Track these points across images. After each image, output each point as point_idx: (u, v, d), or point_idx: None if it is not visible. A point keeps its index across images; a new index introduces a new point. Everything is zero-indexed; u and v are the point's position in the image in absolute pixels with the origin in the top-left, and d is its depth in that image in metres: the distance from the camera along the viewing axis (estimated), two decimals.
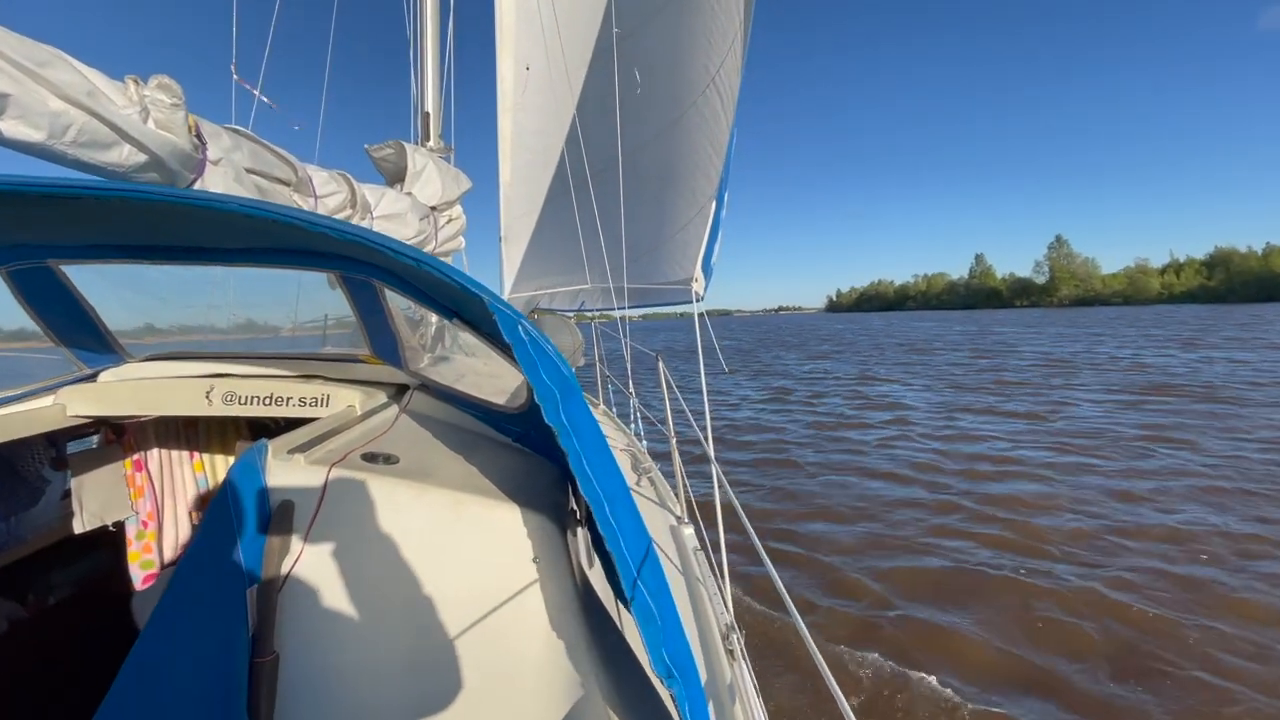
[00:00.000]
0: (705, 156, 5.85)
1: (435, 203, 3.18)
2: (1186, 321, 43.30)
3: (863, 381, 18.30)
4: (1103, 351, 23.39)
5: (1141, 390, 13.94)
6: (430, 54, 3.71)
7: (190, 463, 2.28)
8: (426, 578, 1.10)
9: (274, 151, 2.06)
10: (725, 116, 5.46)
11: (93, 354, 1.92)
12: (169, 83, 1.51)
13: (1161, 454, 8.46)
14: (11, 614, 1.86)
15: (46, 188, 0.89)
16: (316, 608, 1.08)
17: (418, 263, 0.96)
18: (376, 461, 1.22)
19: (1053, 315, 74.80)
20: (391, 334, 1.76)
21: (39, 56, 1.23)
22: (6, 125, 1.18)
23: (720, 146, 5.62)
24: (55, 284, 1.65)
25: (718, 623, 1.79)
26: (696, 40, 5.33)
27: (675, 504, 2.76)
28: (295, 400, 1.72)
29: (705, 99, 5.56)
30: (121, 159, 1.38)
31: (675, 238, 6.28)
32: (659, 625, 0.86)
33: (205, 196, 0.98)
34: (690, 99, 5.66)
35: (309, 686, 1.04)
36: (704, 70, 5.43)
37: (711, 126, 5.65)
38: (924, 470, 8.17)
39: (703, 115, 5.67)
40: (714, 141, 5.69)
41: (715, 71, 5.34)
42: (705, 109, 5.59)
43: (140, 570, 2.12)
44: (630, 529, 0.90)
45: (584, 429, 0.94)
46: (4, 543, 1.79)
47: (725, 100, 5.38)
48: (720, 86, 5.37)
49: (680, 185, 6.13)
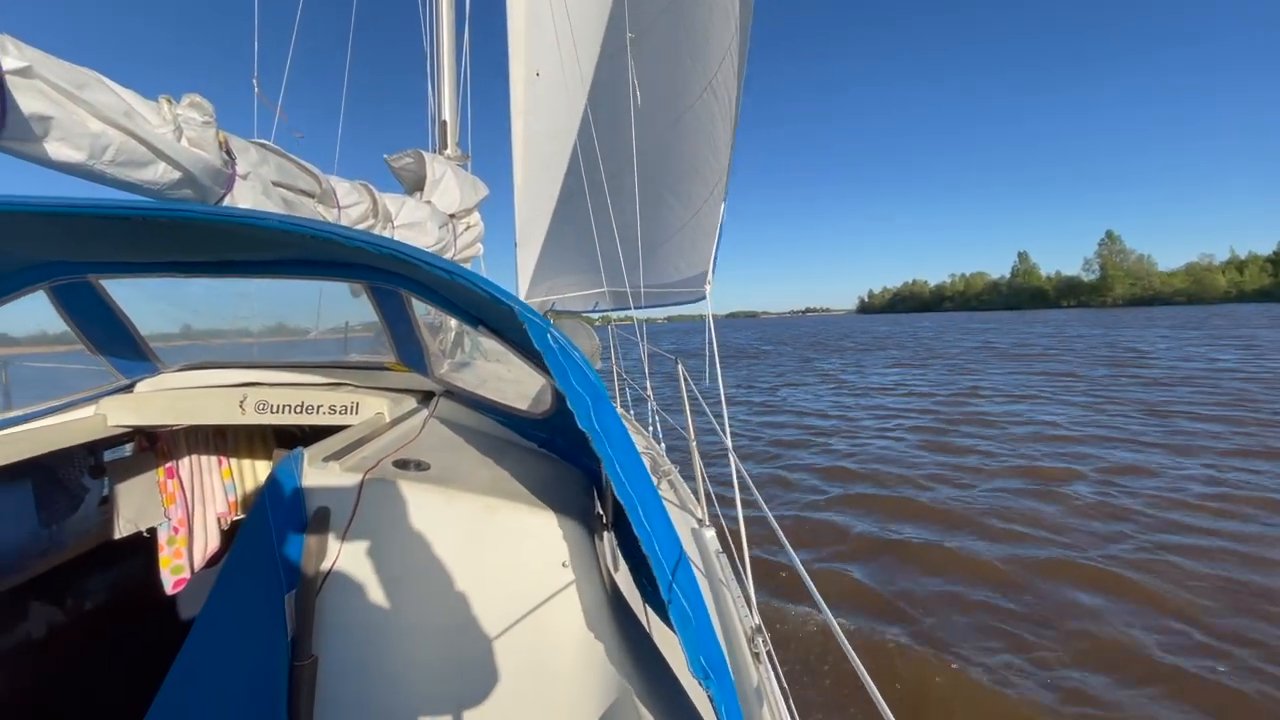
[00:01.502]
0: (705, 157, 5.88)
1: (454, 210, 3.21)
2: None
3: (985, 399, 13.83)
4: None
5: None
6: (446, 63, 3.76)
7: (219, 470, 2.34)
8: (460, 582, 1.12)
9: (299, 164, 2.10)
10: (729, 115, 5.49)
11: (129, 363, 1.97)
12: (200, 101, 1.55)
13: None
14: (51, 618, 1.91)
15: (98, 209, 0.93)
16: (353, 612, 1.10)
17: (451, 275, 0.98)
18: (408, 468, 1.25)
19: (1125, 315, 67.96)
20: (417, 341, 1.79)
21: (79, 80, 1.27)
22: (51, 147, 1.22)
23: (723, 146, 5.65)
24: (94, 298, 1.70)
25: (743, 625, 1.80)
26: (695, 43, 5.39)
27: (696, 506, 2.77)
28: (325, 408, 1.76)
29: (704, 102, 5.61)
30: (157, 176, 1.43)
31: (689, 239, 6.30)
32: (694, 628, 0.86)
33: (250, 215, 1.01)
34: (687, 102, 5.72)
35: (347, 689, 1.07)
36: (701, 73, 5.48)
37: (710, 128, 5.69)
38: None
39: (699, 118, 5.72)
40: (721, 141, 5.70)
41: (713, 74, 5.40)
42: (711, 107, 5.61)
43: (171, 575, 2.17)
44: (663, 533, 0.91)
45: (615, 434, 0.96)
46: (46, 549, 1.84)
47: (727, 97, 5.40)
48: (717, 89, 5.41)
49: (694, 183, 6.16)
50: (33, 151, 1.21)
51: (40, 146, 1.21)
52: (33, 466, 1.75)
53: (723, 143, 5.64)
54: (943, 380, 17.91)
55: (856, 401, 14.74)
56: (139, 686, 0.97)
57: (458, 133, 3.82)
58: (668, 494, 2.85)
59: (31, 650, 1.80)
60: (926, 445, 9.67)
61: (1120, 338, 31.30)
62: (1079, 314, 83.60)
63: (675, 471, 3.21)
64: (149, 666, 2.07)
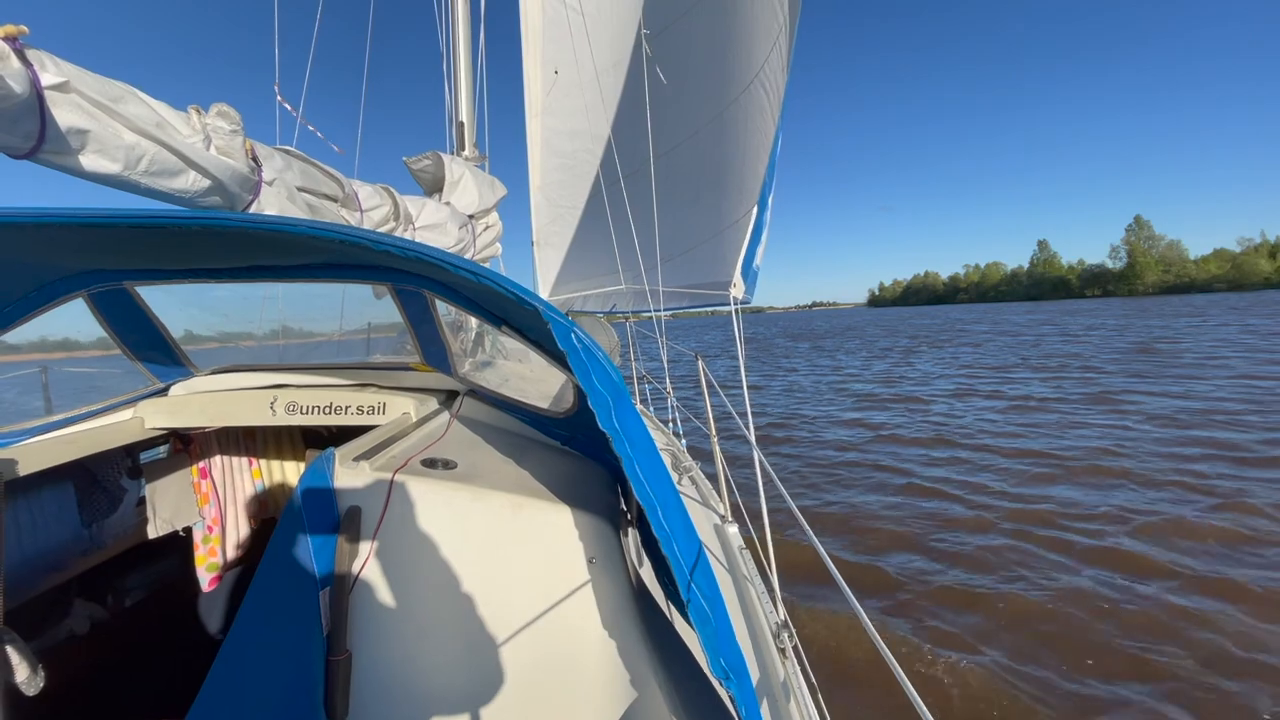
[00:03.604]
0: (747, 156, 5.57)
1: (473, 210, 3.24)
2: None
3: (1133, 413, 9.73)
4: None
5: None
6: (463, 64, 3.79)
7: (249, 470, 2.39)
8: (488, 578, 1.14)
9: (322, 169, 2.14)
10: (770, 116, 5.19)
11: (164, 368, 2.02)
12: (228, 110, 1.59)
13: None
14: (94, 615, 1.97)
15: (134, 219, 0.95)
16: (385, 607, 1.12)
17: (476, 276, 1.00)
18: (436, 467, 1.27)
19: (1178, 304, 57.34)
20: (441, 342, 1.81)
21: (113, 93, 1.31)
22: (87, 159, 1.26)
23: (764, 147, 5.32)
24: (131, 304, 1.75)
25: (768, 621, 1.80)
26: (735, 37, 5.15)
27: (718, 503, 2.77)
28: (353, 409, 1.79)
29: (749, 96, 5.31)
30: (188, 185, 1.46)
31: (714, 239, 6.09)
32: (714, 627, 0.87)
33: (281, 222, 1.03)
34: (730, 97, 5.45)
35: (380, 682, 1.09)
36: (745, 68, 5.22)
37: (755, 126, 5.40)
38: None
39: (747, 113, 5.41)
40: (757, 141, 5.42)
41: (758, 69, 5.12)
42: (750, 106, 5.34)
43: (206, 573, 2.23)
44: (682, 533, 0.92)
45: (635, 435, 0.96)
46: (87, 549, 1.90)
47: (771, 99, 5.12)
48: (766, 84, 5.12)
49: (721, 185, 5.95)
50: (70, 164, 1.25)
51: (77, 159, 1.24)
52: (74, 468, 1.81)
53: (763, 141, 5.36)
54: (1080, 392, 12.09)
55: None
56: (178, 681, 1.00)
57: (474, 133, 3.84)
58: (689, 491, 2.85)
59: (76, 646, 1.87)
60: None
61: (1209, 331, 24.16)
62: (1121, 304, 75.02)
63: (697, 468, 3.21)
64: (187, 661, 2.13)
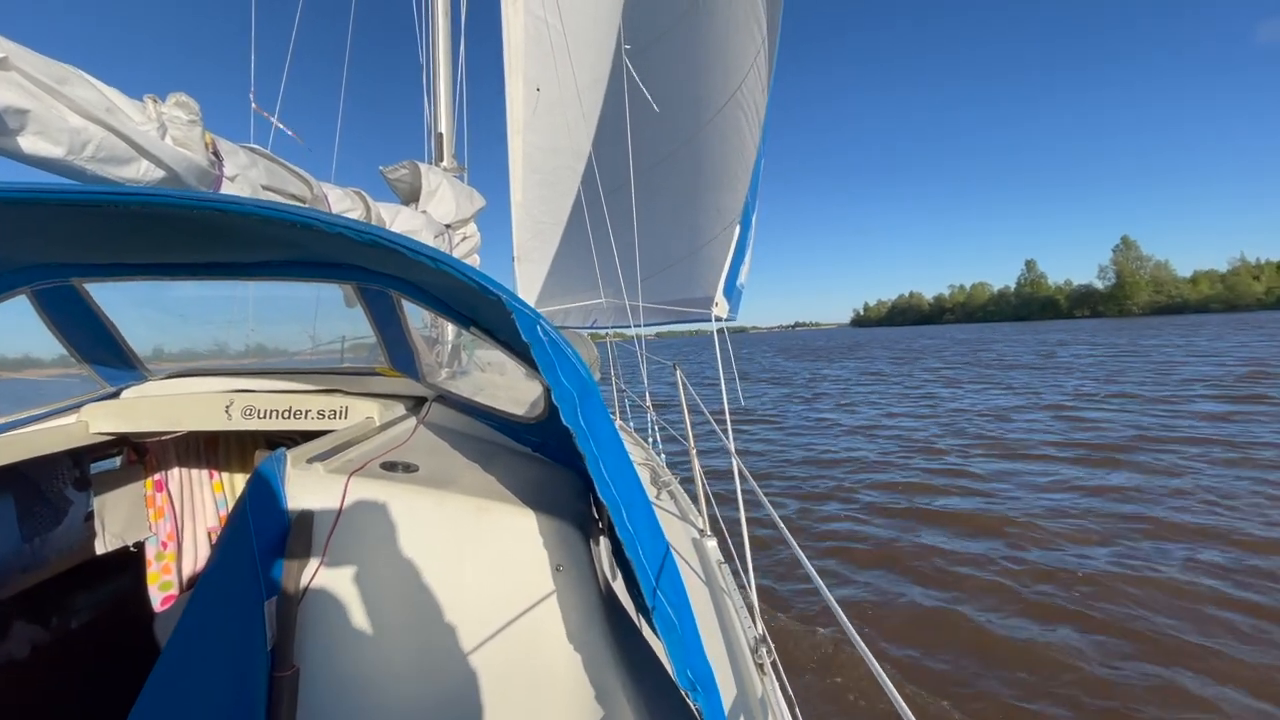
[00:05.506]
0: (727, 175, 5.64)
1: (450, 220, 3.19)
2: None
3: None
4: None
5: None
6: (443, 75, 3.77)
7: (210, 483, 2.28)
8: (448, 587, 1.07)
9: (289, 169, 2.08)
10: (750, 134, 5.28)
11: (116, 371, 1.93)
12: (186, 100, 1.53)
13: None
14: (34, 638, 1.84)
15: (65, 195, 0.89)
16: (337, 619, 1.04)
17: (435, 262, 0.94)
18: (396, 470, 1.20)
19: (1178, 324, 56.66)
20: (408, 346, 1.74)
21: (58, 74, 1.24)
22: (26, 141, 1.19)
23: (745, 165, 5.37)
24: (78, 303, 1.66)
25: (746, 636, 1.73)
26: (714, 56, 5.26)
27: (697, 517, 2.70)
28: (314, 413, 1.71)
29: (727, 115, 5.42)
30: (139, 174, 1.39)
31: (695, 256, 6.12)
32: (679, 635, 0.83)
33: (222, 199, 0.97)
34: (708, 116, 5.55)
35: (330, 699, 1.01)
36: (723, 87, 5.32)
37: (734, 144, 5.47)
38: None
39: (724, 132, 5.52)
40: (737, 160, 5.48)
41: (736, 88, 5.23)
42: (728, 125, 5.44)
43: (159, 592, 2.10)
44: (648, 536, 0.87)
45: (601, 432, 0.91)
46: (27, 565, 1.78)
47: (750, 117, 5.22)
48: (744, 103, 5.23)
49: (701, 203, 6.01)
50: (7, 145, 1.18)
51: (15, 140, 1.17)
52: (14, 477, 1.69)
53: (743, 159, 5.40)
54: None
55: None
56: (126, 709, 0.91)
57: (454, 144, 3.81)
58: (668, 505, 2.78)
59: (13, 670, 1.73)
60: None
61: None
62: (1116, 324, 72.66)
63: (676, 482, 3.14)
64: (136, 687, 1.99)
